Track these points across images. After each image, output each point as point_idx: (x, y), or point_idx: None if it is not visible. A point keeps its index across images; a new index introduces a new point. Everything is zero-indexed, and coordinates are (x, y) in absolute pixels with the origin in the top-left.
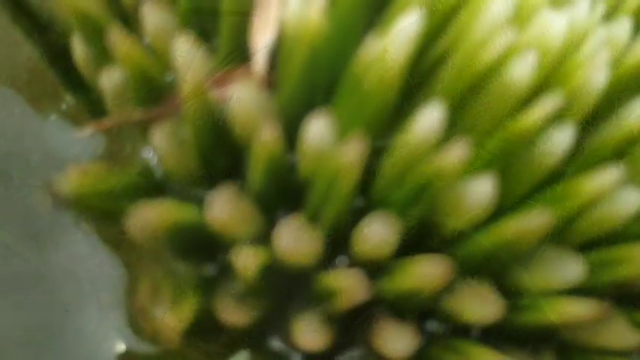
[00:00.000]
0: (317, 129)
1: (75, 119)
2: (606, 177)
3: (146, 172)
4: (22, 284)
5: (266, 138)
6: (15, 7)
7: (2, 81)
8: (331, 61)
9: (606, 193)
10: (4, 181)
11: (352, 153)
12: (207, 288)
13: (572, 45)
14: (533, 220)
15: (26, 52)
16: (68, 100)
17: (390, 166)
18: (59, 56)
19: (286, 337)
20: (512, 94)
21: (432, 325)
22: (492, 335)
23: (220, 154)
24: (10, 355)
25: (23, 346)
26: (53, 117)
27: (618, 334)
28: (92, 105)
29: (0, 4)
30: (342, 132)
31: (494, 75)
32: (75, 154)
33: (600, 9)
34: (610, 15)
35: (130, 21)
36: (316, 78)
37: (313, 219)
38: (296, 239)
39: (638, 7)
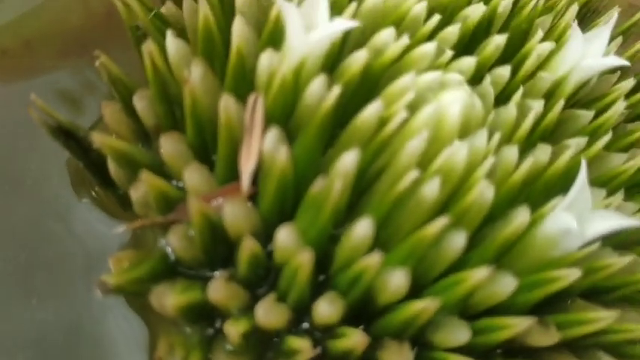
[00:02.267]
0: (284, 234)
1: (102, 204)
2: (482, 272)
3: (163, 258)
4: (66, 335)
5: (248, 244)
6: (66, 136)
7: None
8: (296, 183)
9: (485, 282)
10: (52, 247)
11: (305, 258)
12: (208, 345)
13: (472, 167)
14: (429, 303)
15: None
16: (97, 190)
17: (339, 256)
18: (96, 166)
19: None
20: (425, 206)
21: None
22: None
23: (217, 247)
24: None
25: None
26: (85, 200)
27: None
28: (117, 196)
29: (56, 134)
30: (303, 233)
31: (411, 193)
32: (109, 240)
33: (496, 138)
34: (504, 142)
35: (150, 140)
36: (286, 194)
37: (282, 298)
38: (269, 313)
39: (524, 136)
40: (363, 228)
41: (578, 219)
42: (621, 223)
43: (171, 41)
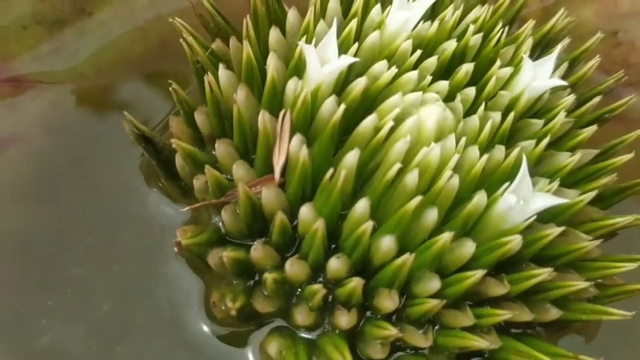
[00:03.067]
0: (305, 210)
1: (166, 192)
2: (448, 235)
3: (216, 230)
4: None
5: (280, 217)
6: (145, 141)
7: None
8: (314, 175)
9: (453, 246)
10: (130, 225)
11: (320, 224)
12: (249, 292)
13: (444, 162)
14: (407, 257)
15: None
16: (163, 182)
17: (345, 229)
18: (164, 163)
19: (289, 319)
20: (407, 191)
21: (369, 313)
22: (403, 320)
23: (256, 222)
24: (135, 329)
25: (142, 323)
26: (154, 189)
27: (465, 318)
28: (179, 187)
29: (139, 140)
30: (319, 211)
31: (398, 181)
32: (173, 219)
33: (463, 141)
34: (470, 144)
35: (203, 145)
36: (306, 183)
37: (304, 258)
38: (294, 268)
39: (485, 139)
40: (362, 205)
41: (523, 200)
42: (552, 201)
43: (223, 72)
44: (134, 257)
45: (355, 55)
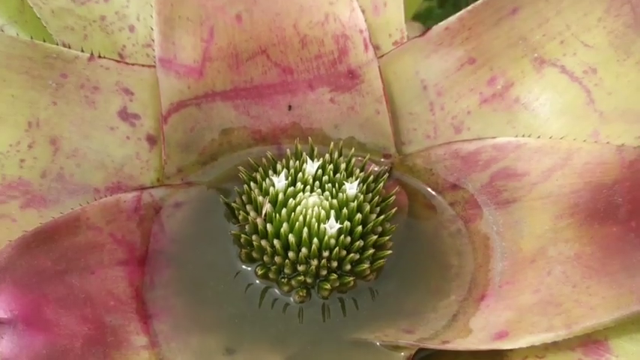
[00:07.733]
0: (260, 221)
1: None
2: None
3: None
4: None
5: (259, 223)
6: (226, 204)
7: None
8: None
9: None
10: (220, 233)
11: (262, 225)
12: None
13: (315, 214)
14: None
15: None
16: (233, 220)
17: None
18: (233, 212)
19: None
20: (300, 220)
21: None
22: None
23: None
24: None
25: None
26: (232, 222)
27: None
28: (238, 221)
29: (225, 203)
30: (273, 227)
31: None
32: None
33: (321, 208)
34: (323, 209)
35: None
36: (270, 219)
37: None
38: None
39: (328, 209)
40: (284, 226)
41: (329, 226)
42: (338, 225)
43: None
44: (217, 240)
45: (292, 182)
